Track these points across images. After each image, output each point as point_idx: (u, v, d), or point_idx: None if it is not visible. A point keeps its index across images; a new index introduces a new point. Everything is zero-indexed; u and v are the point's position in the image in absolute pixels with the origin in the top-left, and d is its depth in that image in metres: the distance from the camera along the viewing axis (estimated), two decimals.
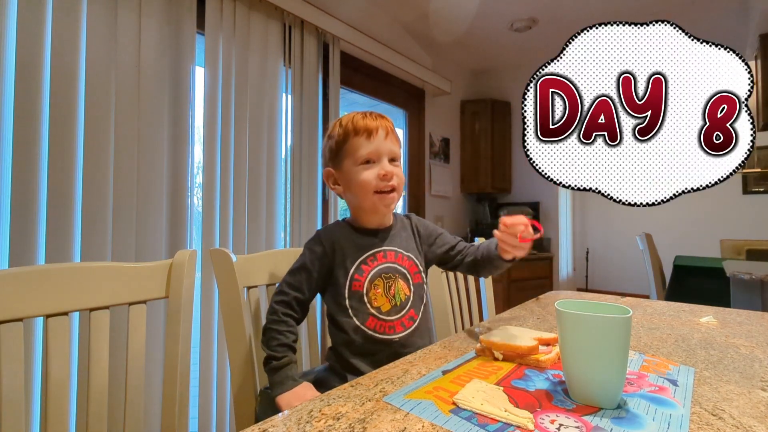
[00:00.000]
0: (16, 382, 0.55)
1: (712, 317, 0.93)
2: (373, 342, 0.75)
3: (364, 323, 0.75)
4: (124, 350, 0.68)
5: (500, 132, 3.27)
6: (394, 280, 0.78)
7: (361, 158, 0.76)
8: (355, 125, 0.77)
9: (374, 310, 0.75)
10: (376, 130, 0.77)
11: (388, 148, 0.78)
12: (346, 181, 0.79)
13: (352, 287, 0.76)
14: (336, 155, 0.80)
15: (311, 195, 1.88)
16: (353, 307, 0.75)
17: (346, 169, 0.79)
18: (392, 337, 0.76)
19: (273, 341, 0.72)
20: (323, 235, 0.80)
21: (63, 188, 1.15)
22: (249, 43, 1.66)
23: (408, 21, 2.60)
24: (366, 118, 0.78)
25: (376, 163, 0.77)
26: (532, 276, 2.95)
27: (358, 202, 0.80)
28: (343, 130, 0.78)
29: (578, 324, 0.48)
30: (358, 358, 0.75)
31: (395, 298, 0.77)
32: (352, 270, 0.77)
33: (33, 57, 1.11)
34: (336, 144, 0.79)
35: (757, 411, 0.46)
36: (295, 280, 0.78)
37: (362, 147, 0.76)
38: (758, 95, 2.31)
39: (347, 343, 0.76)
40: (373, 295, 0.76)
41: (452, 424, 0.44)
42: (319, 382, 0.77)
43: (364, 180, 0.76)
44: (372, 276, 0.77)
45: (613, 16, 2.54)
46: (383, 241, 0.81)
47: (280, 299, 0.77)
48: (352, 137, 0.77)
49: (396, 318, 0.77)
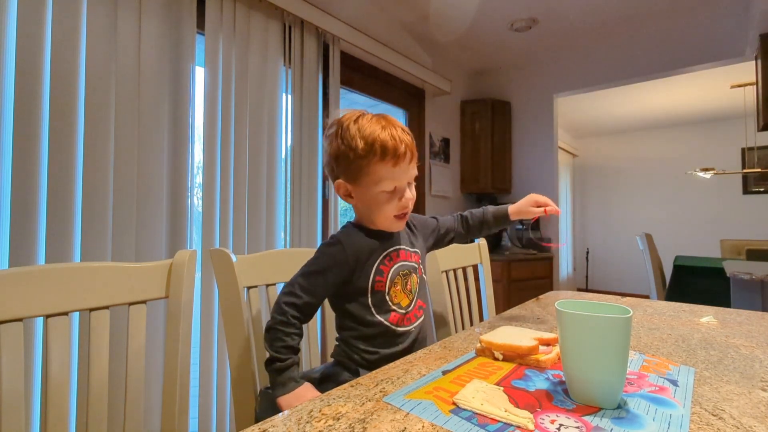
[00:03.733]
0: (16, 382, 0.55)
1: (712, 317, 0.93)
2: (395, 335, 0.79)
3: (387, 319, 0.78)
4: (124, 350, 0.68)
5: (500, 132, 3.27)
6: (409, 276, 0.82)
7: (385, 188, 0.74)
8: (383, 146, 0.71)
9: (395, 306, 0.79)
10: (403, 156, 0.73)
11: (410, 174, 0.77)
12: (363, 199, 0.77)
13: (375, 288, 0.77)
14: (350, 169, 0.74)
15: (311, 195, 1.88)
16: (376, 305, 0.78)
17: (364, 189, 0.75)
18: (410, 327, 0.80)
19: (278, 342, 0.71)
20: (345, 241, 0.77)
21: (63, 188, 1.15)
22: (249, 43, 1.66)
23: (408, 21, 2.60)
24: (394, 139, 0.72)
25: (397, 191, 0.76)
26: (532, 276, 2.95)
27: (372, 218, 0.79)
28: (368, 148, 0.71)
29: (578, 324, 0.48)
30: (380, 349, 0.77)
31: (411, 293, 0.82)
32: (373, 271, 0.78)
33: (33, 57, 1.11)
34: (355, 158, 0.72)
35: (757, 411, 0.46)
36: (310, 284, 0.75)
37: (387, 177, 0.73)
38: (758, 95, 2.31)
39: (369, 338, 0.78)
40: (393, 293, 0.79)
41: (452, 424, 0.44)
42: (327, 377, 0.78)
43: (386, 209, 0.76)
44: (392, 275, 0.79)
45: (614, 17, 2.55)
46: (394, 241, 0.83)
47: (292, 301, 0.74)
48: (376, 161, 0.71)
49: (411, 310, 0.81)
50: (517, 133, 3.35)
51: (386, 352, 0.77)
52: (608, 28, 2.69)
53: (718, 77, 3.34)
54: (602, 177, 5.54)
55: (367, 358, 0.77)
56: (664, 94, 3.83)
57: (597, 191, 5.59)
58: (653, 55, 2.73)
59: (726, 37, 2.49)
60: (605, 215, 5.53)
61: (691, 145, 4.88)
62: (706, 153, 4.76)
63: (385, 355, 0.77)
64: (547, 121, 3.20)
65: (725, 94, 3.82)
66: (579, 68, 3.02)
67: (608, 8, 2.45)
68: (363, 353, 0.77)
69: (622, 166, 5.37)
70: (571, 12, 2.49)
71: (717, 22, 2.51)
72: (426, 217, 0.95)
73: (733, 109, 4.24)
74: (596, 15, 2.53)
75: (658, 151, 5.10)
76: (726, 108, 4.24)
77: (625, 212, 5.35)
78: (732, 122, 4.57)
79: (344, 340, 0.80)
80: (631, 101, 4.08)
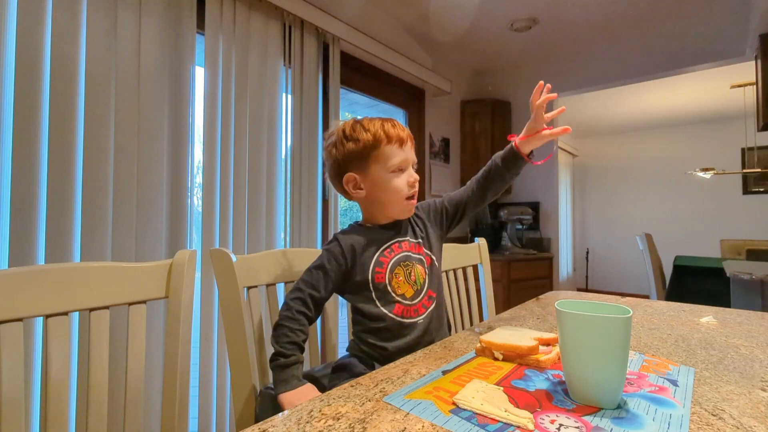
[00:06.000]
0: (16, 382, 0.55)
1: (712, 317, 0.93)
2: (401, 327, 0.79)
3: (391, 311, 0.79)
4: (124, 350, 0.68)
5: (500, 132, 3.27)
6: (412, 266, 0.82)
7: (394, 166, 0.80)
8: (387, 132, 0.80)
9: (399, 297, 0.80)
10: (406, 140, 0.82)
11: (413, 157, 0.84)
12: (374, 186, 0.82)
13: (375, 279, 0.79)
14: (360, 160, 0.81)
15: (311, 195, 1.88)
16: (379, 298, 0.79)
17: (374, 175, 0.81)
18: (417, 319, 0.80)
19: (283, 338, 0.74)
20: (340, 237, 0.83)
21: (63, 188, 1.15)
22: (249, 43, 1.66)
23: (408, 21, 2.60)
24: (395, 127, 0.81)
25: (405, 171, 0.82)
26: (532, 276, 2.95)
27: (383, 206, 0.83)
28: (373, 137, 0.79)
29: (578, 324, 0.48)
30: (389, 342, 0.78)
31: (416, 283, 0.82)
32: (373, 263, 0.80)
33: (33, 57, 1.11)
34: (364, 148, 0.80)
35: (757, 411, 0.46)
36: (311, 278, 0.80)
37: (395, 155, 0.80)
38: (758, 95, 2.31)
39: (377, 331, 0.79)
40: (396, 284, 0.80)
41: (452, 424, 0.44)
42: (343, 366, 0.79)
43: (398, 187, 0.81)
44: (392, 266, 0.80)
45: (614, 17, 2.55)
46: (398, 233, 0.85)
47: (296, 296, 0.78)
48: (384, 144, 0.80)
49: (418, 300, 0.81)
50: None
51: (395, 345, 0.78)
52: (608, 28, 2.69)
53: (718, 77, 3.34)
54: (602, 177, 5.54)
55: (378, 351, 0.78)
56: (664, 94, 3.83)
57: (597, 191, 5.59)
58: (653, 55, 2.73)
59: (726, 37, 2.49)
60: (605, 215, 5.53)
61: (691, 145, 4.88)
62: (706, 153, 4.76)
63: (394, 348, 0.77)
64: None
65: (725, 94, 3.82)
66: (579, 68, 3.02)
67: (608, 8, 2.45)
68: (373, 347, 0.79)
69: (622, 166, 5.37)
70: (571, 12, 2.49)
71: (717, 22, 2.51)
72: (429, 201, 0.94)
73: (733, 109, 4.24)
74: (596, 15, 2.53)
75: (658, 151, 5.09)
76: (726, 108, 4.24)
77: (625, 212, 5.35)
78: (732, 122, 4.57)
79: (356, 335, 0.83)
80: (631, 101, 4.08)
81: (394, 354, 0.76)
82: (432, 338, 0.82)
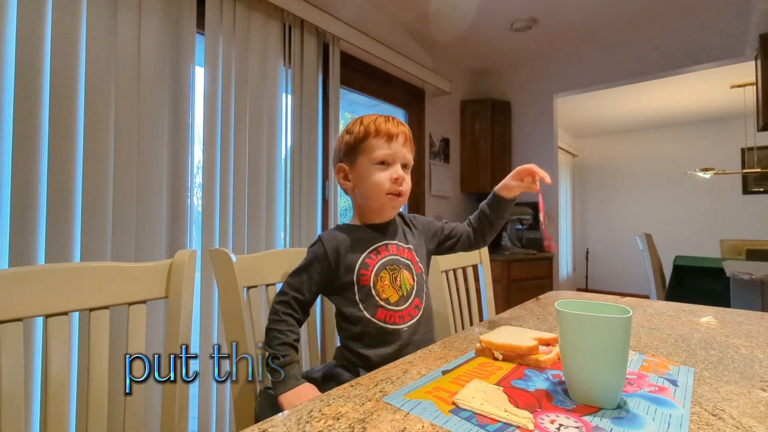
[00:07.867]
0: (16, 382, 0.55)
1: (712, 317, 0.93)
2: (384, 333, 0.77)
3: (374, 315, 0.77)
4: (124, 350, 0.67)
5: (500, 132, 3.27)
6: (399, 271, 0.81)
7: (377, 159, 0.79)
8: (377, 126, 0.80)
9: (383, 301, 0.78)
10: (396, 136, 0.81)
11: (403, 155, 0.82)
12: (359, 177, 0.82)
13: (360, 281, 0.78)
14: (352, 151, 0.82)
15: (311, 195, 1.88)
16: (363, 300, 0.77)
17: (360, 166, 0.81)
18: (401, 326, 0.78)
19: (275, 341, 0.73)
20: (324, 237, 0.82)
21: (63, 188, 1.15)
22: (249, 43, 1.66)
23: (408, 21, 2.60)
24: (389, 122, 0.81)
25: (390, 167, 0.81)
26: (532, 276, 2.95)
27: (366, 200, 0.83)
28: (364, 129, 0.80)
29: (578, 324, 0.48)
30: (371, 349, 0.76)
31: (402, 289, 0.80)
32: (358, 265, 0.79)
33: (33, 56, 1.11)
34: (354, 140, 0.81)
35: (757, 411, 0.46)
36: (295, 281, 0.80)
37: (380, 148, 0.80)
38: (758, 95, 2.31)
39: (359, 336, 0.77)
40: (380, 288, 0.78)
41: (452, 424, 0.44)
42: (330, 376, 0.78)
43: (378, 180, 0.80)
44: (377, 269, 0.79)
45: (614, 17, 2.55)
46: (384, 235, 0.84)
47: (280, 299, 0.79)
48: (372, 137, 0.80)
49: (404, 308, 0.79)
50: (517, 133, 3.35)
51: (378, 353, 0.76)
52: (608, 28, 2.69)
53: (718, 77, 3.34)
54: (602, 177, 5.54)
55: (362, 360, 0.77)
56: (664, 94, 3.83)
57: (597, 191, 5.59)
58: (653, 55, 2.73)
59: (726, 37, 2.49)
60: (605, 215, 5.52)
61: (691, 145, 4.88)
62: (706, 153, 4.76)
63: (377, 357, 0.75)
64: (547, 121, 3.20)
65: (725, 94, 3.82)
66: (579, 68, 3.02)
67: (608, 8, 2.45)
68: (357, 356, 0.77)
69: (622, 166, 5.37)
70: (571, 12, 2.49)
71: (717, 22, 2.51)
72: (431, 219, 0.94)
73: (733, 109, 4.24)
74: (596, 15, 2.53)
75: (658, 151, 5.09)
76: (726, 108, 4.24)
77: (625, 212, 5.35)
78: (732, 122, 4.56)
79: (342, 342, 0.81)
80: (631, 101, 4.08)
81: (377, 364, 0.73)
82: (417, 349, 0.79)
